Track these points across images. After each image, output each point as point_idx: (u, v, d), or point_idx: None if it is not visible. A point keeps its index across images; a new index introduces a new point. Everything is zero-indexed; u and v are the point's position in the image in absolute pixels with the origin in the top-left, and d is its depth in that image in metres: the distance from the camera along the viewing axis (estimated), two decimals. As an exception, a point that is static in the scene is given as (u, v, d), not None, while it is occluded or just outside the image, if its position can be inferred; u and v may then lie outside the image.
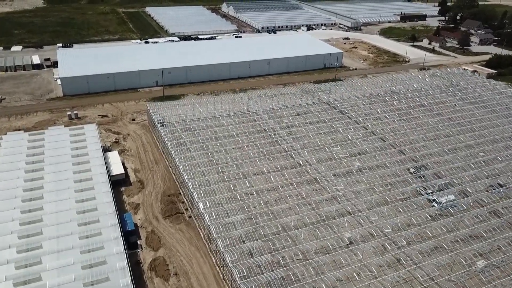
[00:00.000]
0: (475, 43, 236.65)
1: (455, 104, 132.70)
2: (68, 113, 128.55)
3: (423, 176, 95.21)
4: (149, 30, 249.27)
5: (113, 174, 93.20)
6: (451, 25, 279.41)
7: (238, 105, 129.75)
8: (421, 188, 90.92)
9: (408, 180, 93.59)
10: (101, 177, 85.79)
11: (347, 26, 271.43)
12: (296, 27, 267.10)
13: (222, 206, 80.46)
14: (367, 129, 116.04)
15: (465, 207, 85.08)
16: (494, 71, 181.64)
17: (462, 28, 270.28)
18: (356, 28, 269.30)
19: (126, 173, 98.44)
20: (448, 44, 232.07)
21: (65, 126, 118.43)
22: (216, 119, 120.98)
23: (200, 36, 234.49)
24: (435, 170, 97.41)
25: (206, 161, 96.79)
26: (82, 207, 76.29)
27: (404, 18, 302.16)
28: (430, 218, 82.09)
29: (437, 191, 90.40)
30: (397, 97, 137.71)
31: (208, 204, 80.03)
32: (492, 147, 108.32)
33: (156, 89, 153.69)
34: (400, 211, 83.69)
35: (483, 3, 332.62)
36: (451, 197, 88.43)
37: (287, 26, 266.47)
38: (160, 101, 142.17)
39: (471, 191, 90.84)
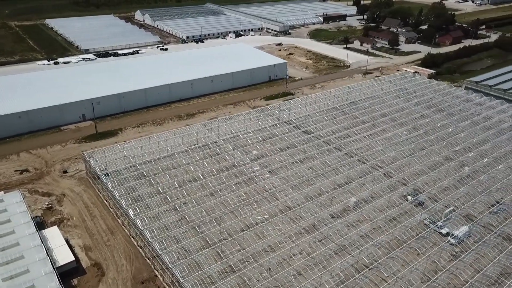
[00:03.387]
0: (402, 41, 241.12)
1: (423, 115, 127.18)
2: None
3: (423, 204, 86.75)
4: (56, 47, 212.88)
5: (60, 265, 68.14)
6: (373, 24, 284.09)
7: (192, 135, 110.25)
8: (429, 221, 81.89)
9: (410, 211, 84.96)
10: (47, 280, 60.97)
11: (275, 31, 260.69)
12: (224, 34, 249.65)
13: (229, 297, 61.44)
14: (352, 157, 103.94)
15: (487, 243, 76.68)
16: (433, 71, 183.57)
17: (383, 27, 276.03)
18: (285, 32, 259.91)
19: (75, 256, 73.54)
20: (378, 45, 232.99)
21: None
22: (172, 157, 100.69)
23: (120, 52, 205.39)
24: (432, 195, 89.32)
25: (185, 229, 75.98)
26: None
27: (327, 19, 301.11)
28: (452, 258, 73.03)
29: (444, 220, 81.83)
30: (363, 111, 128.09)
31: (209, 299, 60.44)
32: (481, 162, 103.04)
33: (85, 124, 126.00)
34: (418, 253, 72.34)
35: None
36: (465, 228, 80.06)
37: (214, 34, 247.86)
38: (94, 140, 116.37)
39: (475, 215, 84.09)
